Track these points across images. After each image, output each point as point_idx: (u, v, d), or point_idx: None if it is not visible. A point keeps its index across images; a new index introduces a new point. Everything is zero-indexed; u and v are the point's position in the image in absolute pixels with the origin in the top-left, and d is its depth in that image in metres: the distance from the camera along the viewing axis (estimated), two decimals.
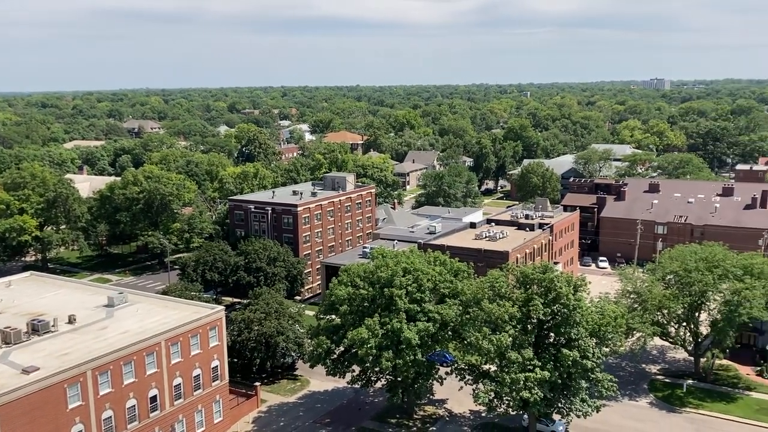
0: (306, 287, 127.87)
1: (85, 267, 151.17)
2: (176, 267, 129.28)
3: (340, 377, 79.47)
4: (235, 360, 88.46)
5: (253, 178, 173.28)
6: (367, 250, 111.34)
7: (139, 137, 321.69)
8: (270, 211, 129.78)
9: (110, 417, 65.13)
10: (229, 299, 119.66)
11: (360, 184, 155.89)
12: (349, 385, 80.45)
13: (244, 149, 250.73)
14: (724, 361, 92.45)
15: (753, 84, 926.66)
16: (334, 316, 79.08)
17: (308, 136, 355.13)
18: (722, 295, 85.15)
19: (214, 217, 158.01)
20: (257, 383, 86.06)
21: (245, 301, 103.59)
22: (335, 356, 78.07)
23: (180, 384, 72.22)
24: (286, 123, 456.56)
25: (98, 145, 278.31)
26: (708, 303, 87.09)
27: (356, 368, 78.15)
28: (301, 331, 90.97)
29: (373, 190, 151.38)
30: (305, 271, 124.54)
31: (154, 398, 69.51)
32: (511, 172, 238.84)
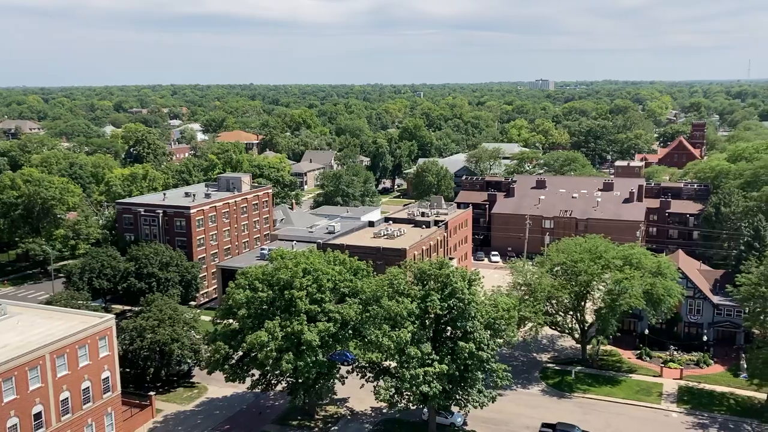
0: (201, 292, 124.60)
1: None
2: (61, 275, 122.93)
3: (239, 382, 78.06)
4: (128, 370, 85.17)
5: (142, 180, 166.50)
6: (265, 251, 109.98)
7: (17, 138, 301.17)
8: (161, 214, 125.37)
9: None
10: (120, 307, 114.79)
11: (256, 184, 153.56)
12: (249, 390, 79.18)
13: (132, 150, 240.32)
14: (609, 347, 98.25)
15: (629, 85, 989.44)
16: (231, 321, 77.56)
17: (200, 136, 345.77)
18: (605, 284, 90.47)
19: (101, 221, 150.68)
20: (152, 393, 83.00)
21: (137, 309, 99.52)
22: (234, 361, 76.69)
23: (67, 398, 68.42)
24: (176, 122, 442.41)
25: None
26: (592, 292, 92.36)
27: (256, 372, 77.12)
28: (198, 337, 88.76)
29: (270, 191, 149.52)
30: (200, 276, 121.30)
31: (38, 415, 65.45)
32: (407, 171, 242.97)
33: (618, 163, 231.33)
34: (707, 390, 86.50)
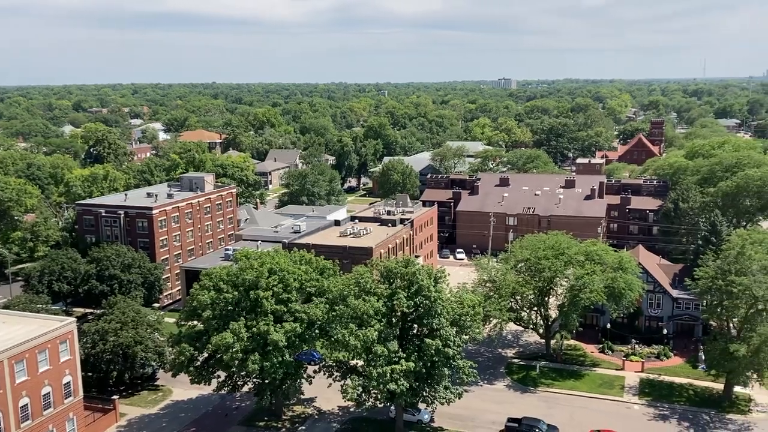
0: (165, 293, 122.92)
1: None
2: (19, 278, 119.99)
3: (205, 384, 77.39)
4: (90, 374, 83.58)
5: (103, 181, 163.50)
6: (230, 252, 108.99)
7: None
8: (123, 215, 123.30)
9: None
10: (81, 310, 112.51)
11: (220, 184, 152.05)
12: (215, 392, 78.51)
13: (92, 150, 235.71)
14: (572, 342, 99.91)
15: (589, 83, 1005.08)
16: (196, 322, 76.80)
17: (162, 136, 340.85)
18: (567, 280, 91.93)
19: (60, 223, 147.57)
20: (115, 397, 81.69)
21: (99, 312, 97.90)
22: (199, 363, 75.95)
23: (27, 404, 66.93)
24: (137, 122, 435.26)
25: None
26: (555, 288, 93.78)
27: (222, 374, 76.53)
28: (162, 339, 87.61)
29: (234, 190, 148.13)
30: (164, 277, 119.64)
31: None
32: (372, 170, 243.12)
33: (579, 160, 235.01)
34: (667, 382, 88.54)
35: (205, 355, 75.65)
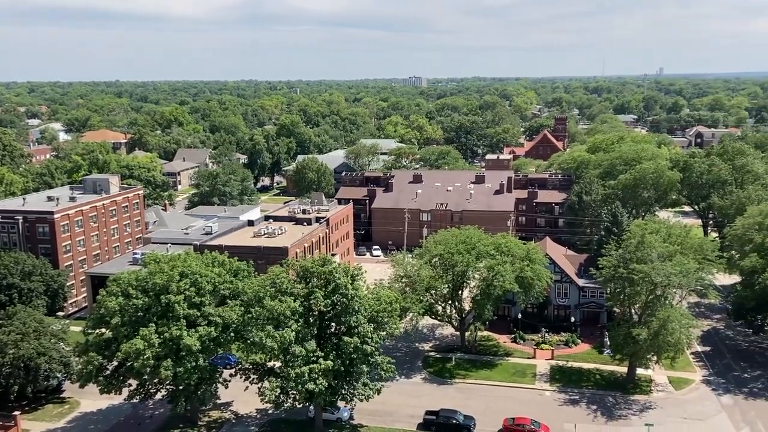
0: (70, 302, 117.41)
1: None
2: None
3: (115, 394, 74.57)
4: None
5: None
6: (138, 256, 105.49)
7: None
8: (21, 221, 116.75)
9: None
10: None
11: (126, 186, 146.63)
12: (127, 401, 75.70)
13: None
14: (486, 333, 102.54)
15: (496, 81, 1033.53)
16: (104, 330, 73.82)
17: (63, 136, 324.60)
18: (480, 272, 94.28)
19: None
20: (17, 412, 77.25)
21: None
22: (108, 372, 73.15)
23: None
24: (35, 122, 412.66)
25: None
26: (469, 281, 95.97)
27: (133, 382, 73.93)
28: (67, 349, 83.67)
29: (141, 192, 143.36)
30: (68, 284, 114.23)
31: None
32: (286, 168, 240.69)
33: (488, 156, 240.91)
34: (576, 368, 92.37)
35: (115, 363, 72.99)
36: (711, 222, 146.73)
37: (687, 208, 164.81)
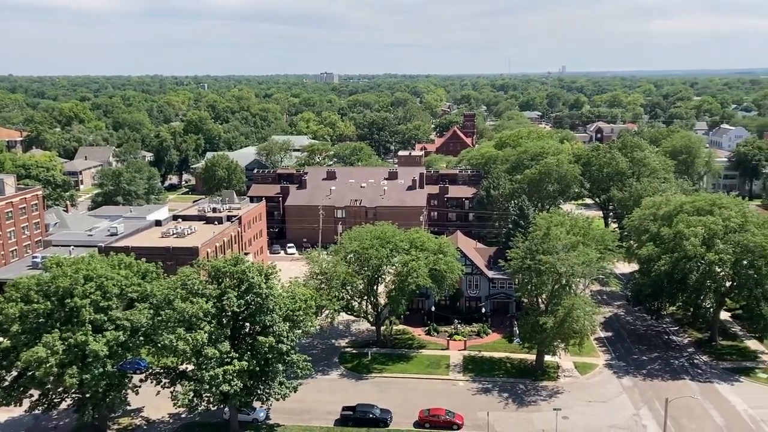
0: None
1: None
2: None
3: (15, 405, 70.63)
4: None
5: None
6: (38, 259, 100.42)
7: None
8: None
9: None
10: None
11: (22, 186, 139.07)
12: (28, 413, 71.92)
13: None
14: (401, 326, 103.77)
15: (407, 79, 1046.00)
16: (2, 339, 69.82)
17: None
18: (394, 267, 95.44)
19: None
20: None
21: None
22: (7, 383, 69.29)
23: None
24: None
25: None
26: (383, 276, 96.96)
27: (35, 392, 70.31)
28: None
29: (40, 193, 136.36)
30: None
31: None
32: (195, 166, 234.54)
33: (401, 153, 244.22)
34: (487, 357, 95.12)
35: (14, 373, 69.28)
36: (611, 213, 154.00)
37: (589, 201, 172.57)
